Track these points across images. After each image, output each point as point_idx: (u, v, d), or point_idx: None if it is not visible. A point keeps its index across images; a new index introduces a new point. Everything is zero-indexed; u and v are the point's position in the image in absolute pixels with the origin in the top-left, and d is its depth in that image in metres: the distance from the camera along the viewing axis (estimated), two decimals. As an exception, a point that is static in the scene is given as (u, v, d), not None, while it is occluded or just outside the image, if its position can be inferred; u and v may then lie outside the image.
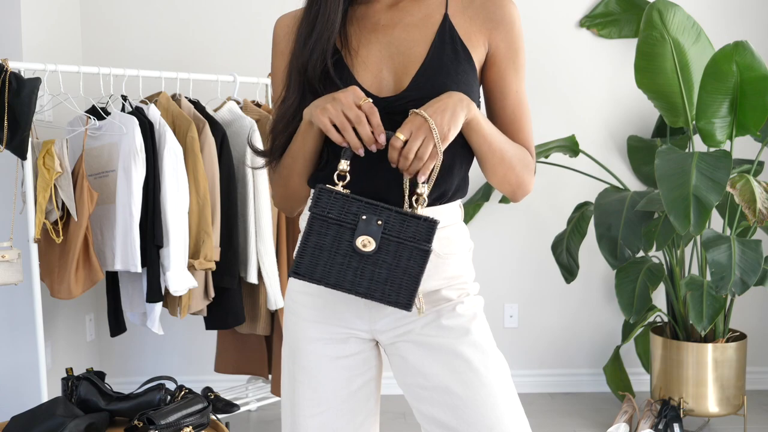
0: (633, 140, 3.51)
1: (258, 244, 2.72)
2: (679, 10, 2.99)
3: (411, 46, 1.26)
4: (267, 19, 3.48)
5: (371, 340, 1.32)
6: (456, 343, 1.25)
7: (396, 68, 1.26)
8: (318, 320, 1.30)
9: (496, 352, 1.28)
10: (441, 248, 1.27)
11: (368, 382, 1.33)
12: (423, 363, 1.26)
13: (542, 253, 3.50)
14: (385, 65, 1.26)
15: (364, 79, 1.25)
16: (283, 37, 1.34)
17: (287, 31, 1.33)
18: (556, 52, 3.53)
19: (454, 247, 1.29)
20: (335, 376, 1.30)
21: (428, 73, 1.24)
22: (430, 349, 1.26)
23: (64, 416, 1.98)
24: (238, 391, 3.13)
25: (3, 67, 2.31)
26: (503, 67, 1.29)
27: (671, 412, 2.93)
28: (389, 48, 1.27)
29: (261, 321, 2.84)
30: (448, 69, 1.24)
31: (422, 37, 1.26)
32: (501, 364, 1.27)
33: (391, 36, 1.27)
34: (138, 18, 3.45)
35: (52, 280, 2.50)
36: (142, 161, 2.47)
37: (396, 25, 1.28)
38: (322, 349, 1.30)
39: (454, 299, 1.28)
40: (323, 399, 1.30)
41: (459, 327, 1.26)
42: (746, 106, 2.85)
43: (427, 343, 1.26)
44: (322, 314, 1.30)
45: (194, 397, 2.14)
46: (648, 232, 2.93)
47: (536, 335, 3.64)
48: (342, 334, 1.30)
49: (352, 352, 1.30)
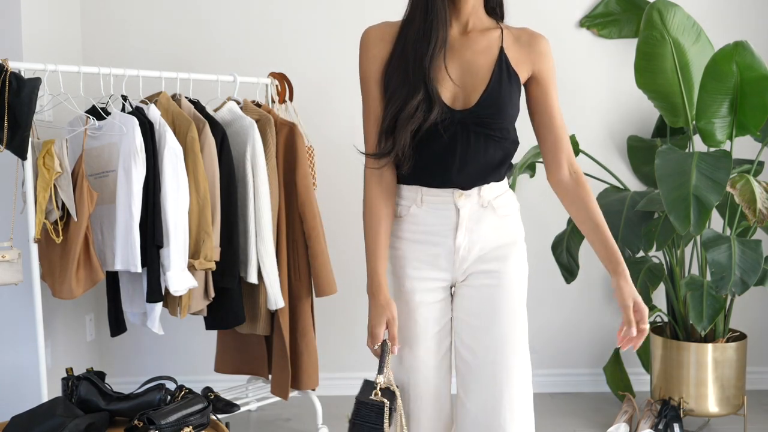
0: (633, 140, 3.52)
1: (258, 244, 2.72)
2: (679, 10, 2.99)
3: (478, 70, 1.62)
4: (267, 19, 3.48)
5: (451, 286, 1.74)
6: (505, 286, 1.68)
7: (466, 86, 1.62)
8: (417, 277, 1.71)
9: (521, 306, 1.70)
10: (501, 211, 1.70)
11: (447, 323, 1.74)
12: (470, 298, 1.70)
13: (542, 253, 3.50)
14: (458, 81, 1.62)
15: (444, 93, 1.61)
16: (375, 44, 1.66)
17: (381, 37, 1.66)
18: (556, 52, 3.50)
19: (509, 209, 1.72)
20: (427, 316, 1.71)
21: (493, 94, 1.61)
22: (482, 289, 1.69)
23: (64, 416, 1.98)
24: (238, 391, 3.13)
25: (3, 67, 2.31)
26: (547, 87, 1.71)
27: (671, 412, 2.93)
28: (461, 68, 1.62)
29: (261, 321, 2.84)
30: (504, 91, 1.62)
31: (486, 63, 1.63)
32: (519, 317, 1.70)
33: (462, 59, 1.63)
34: (138, 18, 3.45)
35: (54, 280, 2.50)
36: (142, 161, 2.47)
37: (467, 50, 1.64)
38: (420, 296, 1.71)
39: (509, 253, 1.69)
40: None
41: (511, 272, 1.69)
42: (746, 106, 2.85)
43: (483, 284, 1.69)
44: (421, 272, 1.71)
45: (194, 397, 2.14)
46: (648, 232, 2.93)
47: (536, 335, 3.63)
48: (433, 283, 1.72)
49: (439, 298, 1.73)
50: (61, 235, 2.44)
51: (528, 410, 1.67)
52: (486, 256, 1.68)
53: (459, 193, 1.65)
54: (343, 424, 3.20)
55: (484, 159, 1.64)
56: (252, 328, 2.85)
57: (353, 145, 1.99)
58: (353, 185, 3.19)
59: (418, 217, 1.68)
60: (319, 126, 3.36)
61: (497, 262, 1.68)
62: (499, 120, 1.63)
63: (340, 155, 2.75)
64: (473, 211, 1.67)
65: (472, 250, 1.67)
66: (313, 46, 3.49)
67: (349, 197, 3.34)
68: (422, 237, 1.68)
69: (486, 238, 1.67)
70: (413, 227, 1.69)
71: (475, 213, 1.67)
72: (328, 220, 3.05)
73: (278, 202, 2.81)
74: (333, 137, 3.43)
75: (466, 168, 1.63)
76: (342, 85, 3.47)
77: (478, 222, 1.67)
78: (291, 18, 3.48)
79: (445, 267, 1.69)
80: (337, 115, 3.48)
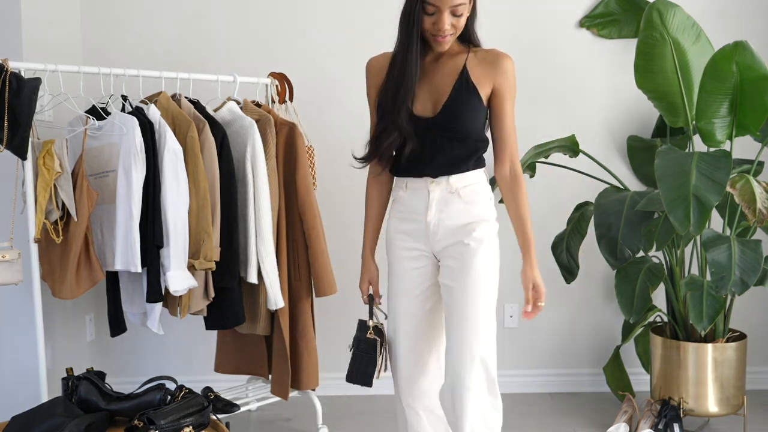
0: (633, 140, 3.52)
1: (258, 244, 2.72)
2: (679, 10, 2.99)
3: (443, 87, 2.08)
4: (267, 19, 3.48)
5: (433, 256, 2.17)
6: (468, 254, 2.08)
7: (433, 99, 2.08)
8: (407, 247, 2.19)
9: (486, 272, 2.08)
10: (466, 197, 2.11)
11: (432, 285, 2.18)
12: (445, 266, 2.13)
13: (542, 253, 3.50)
14: (427, 98, 2.08)
15: (417, 107, 2.07)
16: (375, 74, 2.16)
17: (379, 69, 2.14)
18: (556, 52, 3.53)
19: (476, 197, 2.12)
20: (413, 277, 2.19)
21: (452, 105, 2.06)
22: (453, 258, 2.11)
23: (64, 416, 1.98)
24: (238, 391, 3.13)
25: (3, 67, 2.31)
26: (503, 98, 2.10)
27: (671, 412, 2.93)
28: (430, 86, 2.09)
29: (261, 321, 2.84)
30: (463, 102, 2.06)
31: (450, 81, 2.08)
32: (483, 281, 2.07)
33: (432, 80, 2.09)
34: (138, 18, 3.45)
35: (54, 280, 2.51)
36: (142, 161, 2.47)
37: (436, 73, 2.10)
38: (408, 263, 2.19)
39: (475, 228, 2.10)
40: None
41: (473, 244, 2.08)
42: (746, 106, 2.85)
43: (453, 254, 2.11)
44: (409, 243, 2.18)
45: (194, 397, 2.14)
46: (648, 232, 2.93)
47: (536, 335, 3.64)
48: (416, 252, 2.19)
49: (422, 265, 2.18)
50: (61, 235, 2.44)
51: (486, 360, 2.05)
52: (455, 233, 2.10)
53: (431, 181, 2.11)
54: (344, 424, 3.21)
55: (450, 154, 2.08)
56: (252, 328, 2.85)
57: (351, 150, 2.35)
58: (353, 185, 3.20)
59: (404, 200, 2.16)
60: (319, 126, 3.36)
61: (464, 236, 2.09)
62: (458, 124, 2.06)
63: (340, 155, 2.75)
64: (442, 196, 2.11)
65: (440, 226, 2.11)
66: (313, 46, 3.49)
67: (349, 197, 3.35)
68: (406, 215, 2.16)
69: (453, 217, 2.11)
70: (401, 208, 2.17)
71: (444, 197, 2.11)
72: (328, 220, 3.05)
73: (278, 202, 2.81)
74: (333, 137, 3.43)
75: (434, 161, 2.09)
76: (342, 85, 3.47)
77: (446, 204, 2.11)
78: (291, 18, 3.48)
79: (422, 240, 2.14)
80: (337, 115, 3.48)
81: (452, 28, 2.02)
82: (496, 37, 3.55)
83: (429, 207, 2.11)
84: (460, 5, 1.98)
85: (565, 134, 3.42)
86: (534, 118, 3.51)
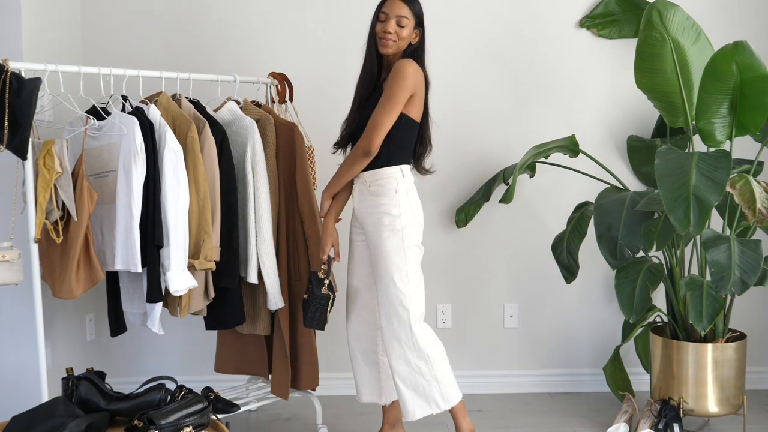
0: (633, 140, 3.52)
1: (258, 244, 2.72)
2: (678, 10, 2.99)
3: (377, 96, 2.61)
4: (267, 19, 3.48)
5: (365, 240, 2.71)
6: (375, 238, 2.60)
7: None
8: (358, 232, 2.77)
9: (389, 255, 2.57)
10: (375, 191, 2.60)
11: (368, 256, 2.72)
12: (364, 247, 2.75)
13: (542, 253, 3.50)
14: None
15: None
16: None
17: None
18: (556, 53, 3.53)
19: (382, 190, 2.59)
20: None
21: (369, 106, 2.63)
22: (368, 243, 2.67)
23: (64, 416, 1.98)
24: (238, 391, 3.13)
25: (3, 67, 2.31)
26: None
27: (671, 412, 2.93)
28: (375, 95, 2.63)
29: (261, 321, 2.84)
30: (374, 103, 2.58)
31: (378, 92, 2.62)
32: (384, 262, 2.58)
33: (378, 89, 2.64)
34: (138, 18, 3.45)
35: (54, 280, 2.50)
36: (142, 161, 2.47)
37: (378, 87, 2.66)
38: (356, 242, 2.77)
39: (381, 219, 2.58)
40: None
41: (374, 229, 2.60)
42: (746, 106, 2.85)
43: (367, 240, 2.67)
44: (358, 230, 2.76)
45: (194, 397, 2.14)
46: (648, 232, 2.92)
47: (536, 335, 3.64)
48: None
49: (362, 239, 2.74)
50: (61, 235, 2.44)
51: (393, 327, 2.57)
52: (365, 221, 2.63)
53: (356, 178, 2.65)
54: (344, 424, 3.21)
55: None
56: (252, 328, 2.85)
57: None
58: (353, 185, 3.19)
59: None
60: (319, 126, 3.36)
61: (369, 226, 2.61)
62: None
63: (340, 155, 2.76)
64: (358, 190, 2.66)
65: (358, 216, 2.67)
66: (313, 46, 3.49)
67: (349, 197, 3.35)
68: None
69: (363, 208, 2.64)
70: None
71: (359, 192, 2.65)
72: (328, 220, 3.05)
73: (278, 202, 2.81)
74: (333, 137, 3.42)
75: None
76: (342, 85, 3.46)
77: (361, 197, 2.65)
78: (291, 18, 3.48)
79: (359, 226, 2.70)
80: (337, 115, 3.47)
81: (395, 34, 2.54)
82: (497, 37, 3.57)
83: (353, 199, 2.69)
84: (403, 17, 2.54)
85: (565, 134, 3.42)
86: (534, 118, 3.51)
